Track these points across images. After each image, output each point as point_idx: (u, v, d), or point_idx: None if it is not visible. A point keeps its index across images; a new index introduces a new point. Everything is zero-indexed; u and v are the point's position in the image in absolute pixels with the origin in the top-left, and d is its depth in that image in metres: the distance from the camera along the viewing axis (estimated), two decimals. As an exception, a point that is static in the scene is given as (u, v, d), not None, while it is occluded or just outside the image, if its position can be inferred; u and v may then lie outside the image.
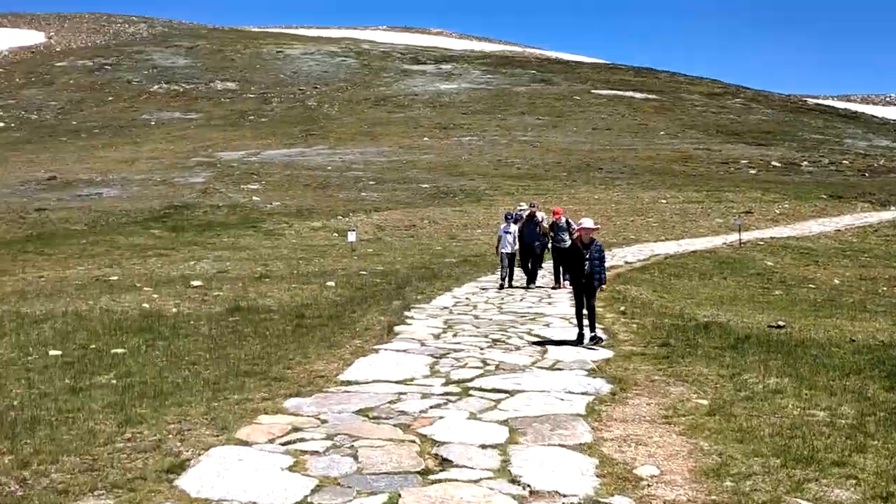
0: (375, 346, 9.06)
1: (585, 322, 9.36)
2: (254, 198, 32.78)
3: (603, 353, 8.85)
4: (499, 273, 15.48)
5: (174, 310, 12.16)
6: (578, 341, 9.27)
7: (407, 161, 43.63)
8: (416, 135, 54.56)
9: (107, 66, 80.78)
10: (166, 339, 9.60)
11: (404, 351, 8.78)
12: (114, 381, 7.54)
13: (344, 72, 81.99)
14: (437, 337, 9.72)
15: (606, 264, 10.16)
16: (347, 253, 21.70)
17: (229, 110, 65.67)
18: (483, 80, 79.81)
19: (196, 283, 15.34)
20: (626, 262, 19.55)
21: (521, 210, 16.54)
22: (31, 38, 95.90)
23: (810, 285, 17.86)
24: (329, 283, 15.15)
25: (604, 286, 9.73)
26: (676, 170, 42.18)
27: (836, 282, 19.03)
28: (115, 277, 16.50)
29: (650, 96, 73.97)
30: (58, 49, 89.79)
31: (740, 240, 24.04)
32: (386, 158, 44.59)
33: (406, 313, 11.55)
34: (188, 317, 11.41)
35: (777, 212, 31.68)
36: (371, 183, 37.16)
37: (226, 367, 7.99)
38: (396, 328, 10.19)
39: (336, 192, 34.99)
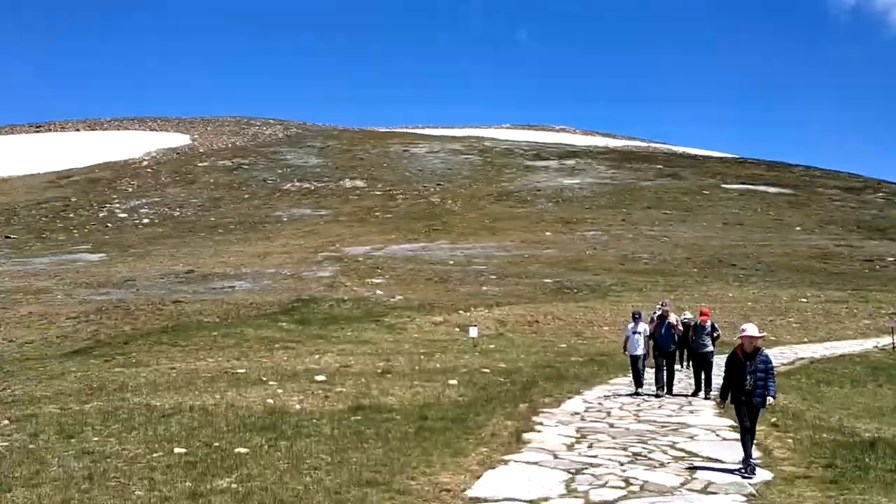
0: (504, 457, 8.46)
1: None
2: (377, 292, 33.08)
3: (761, 475, 7.90)
4: (630, 376, 14.58)
5: (297, 406, 12.00)
6: (745, 468, 7.98)
7: (529, 255, 43.28)
8: (539, 229, 54.32)
9: (244, 166, 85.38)
10: (288, 438, 9.34)
11: (536, 463, 8.13)
12: (234, 486, 7.26)
13: (467, 168, 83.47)
14: (570, 448, 9.01)
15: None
16: (469, 349, 21.26)
17: (357, 207, 67.66)
18: (607, 174, 79.36)
19: (320, 377, 15.25)
20: (769, 367, 18.16)
21: (656, 310, 15.54)
22: (178, 140, 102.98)
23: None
24: (451, 382, 14.72)
25: (772, 400, 8.23)
26: (816, 267, 39.92)
27: None
28: (243, 370, 16.64)
29: (784, 190, 71.34)
30: (201, 150, 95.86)
31: (894, 343, 22.11)
32: (508, 253, 44.39)
33: (534, 418, 10.92)
34: (311, 415, 11.19)
35: (933, 313, 29.19)
36: (492, 277, 36.89)
37: (347, 475, 7.58)
38: (525, 436, 9.56)
39: (457, 287, 34.87)
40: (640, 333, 14.12)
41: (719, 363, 10.87)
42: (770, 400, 8.18)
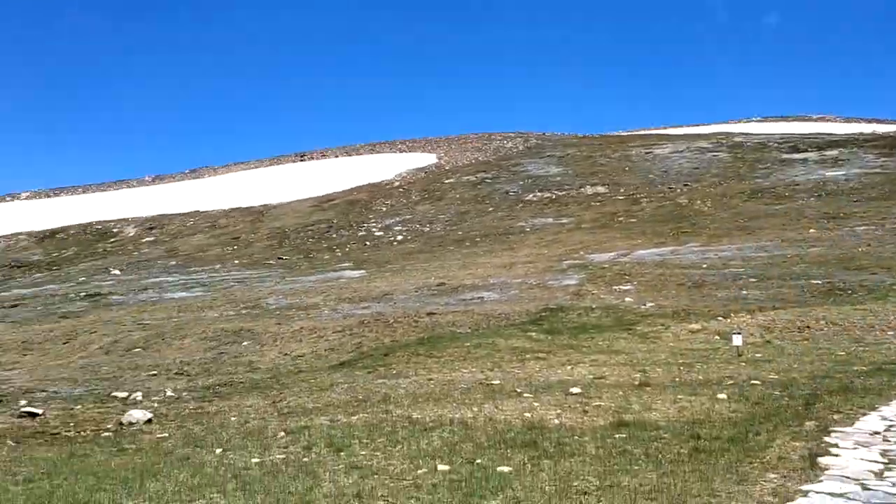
0: (801, 487, 7.41)
1: None
2: (626, 299, 32.00)
3: None
4: None
5: (556, 421, 11.59)
6: None
7: (792, 255, 39.89)
8: (800, 227, 50.07)
9: (487, 180, 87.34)
10: (551, 457, 8.93)
11: (842, 496, 7.03)
12: (501, 511, 6.97)
13: (715, 166, 79.34)
14: (879, 476, 7.75)
15: None
16: (733, 359, 19.75)
17: (599, 213, 66.62)
18: (877, 163, 71.81)
19: (575, 390, 14.76)
20: None
21: None
22: (425, 160, 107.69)
23: None
24: (720, 396, 13.53)
25: None
26: None
27: None
28: (497, 382, 16.56)
29: None
30: (447, 168, 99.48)
31: None
32: (767, 253, 41.25)
33: (826, 439, 9.61)
34: (571, 431, 10.72)
35: None
36: (752, 280, 34.36)
37: (619, 502, 7.00)
38: (820, 460, 8.38)
39: (713, 291, 32.83)
40: None
41: None
42: None
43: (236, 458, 9.92)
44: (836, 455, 8.53)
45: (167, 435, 12.80)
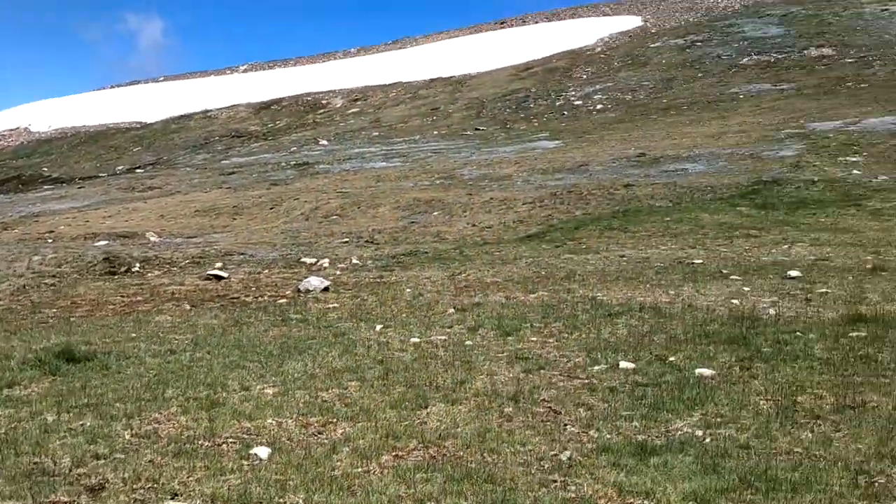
0: None
1: None
2: (853, 171, 28.13)
3: None
4: None
5: (771, 311, 9.63)
6: None
7: None
8: None
9: (697, 43, 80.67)
10: (767, 360, 7.16)
11: None
12: (698, 433, 5.35)
13: (971, 22, 68.21)
14: None
15: None
16: None
17: (823, 78, 59.65)
18: None
19: (793, 273, 12.61)
20: None
21: None
22: (630, 22, 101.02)
23: None
24: None
25: None
26: None
27: None
28: (699, 261, 14.67)
29: None
30: (652, 31, 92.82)
31: None
32: None
33: None
34: (791, 323, 8.76)
35: None
36: None
37: (872, 433, 5.17)
38: None
39: (964, 165, 28.06)
40: None
41: None
42: None
43: (394, 337, 8.98)
44: None
45: (337, 305, 12.20)
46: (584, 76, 77.94)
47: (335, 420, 5.89)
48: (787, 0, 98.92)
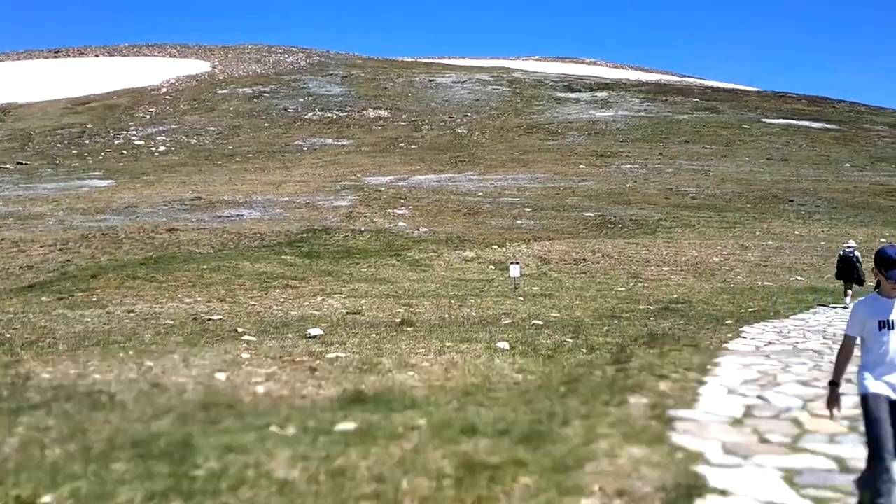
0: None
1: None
2: (399, 223, 30.00)
3: None
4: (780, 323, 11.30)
5: (260, 389, 7.32)
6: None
7: (564, 188, 39.88)
8: (572, 162, 50.80)
9: (265, 94, 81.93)
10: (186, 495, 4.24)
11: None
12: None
13: (495, 100, 79.53)
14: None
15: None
16: (509, 292, 18.10)
17: (380, 137, 64.39)
18: (642, 107, 75.14)
19: (315, 331, 11.25)
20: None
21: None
22: (198, 67, 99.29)
23: None
24: (501, 345, 10.17)
25: None
26: (883, 204, 36.19)
27: None
28: (218, 317, 13.37)
29: (829, 126, 67.02)
30: (221, 77, 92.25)
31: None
32: (541, 185, 41.01)
33: (668, 433, 5.89)
34: (275, 410, 6.35)
35: None
36: (527, 210, 33.65)
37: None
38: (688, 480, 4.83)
39: (488, 220, 31.70)
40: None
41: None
42: None
43: None
44: (706, 461, 5.05)
45: None
46: (148, 116, 74.16)
47: None
48: (348, 63, 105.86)
